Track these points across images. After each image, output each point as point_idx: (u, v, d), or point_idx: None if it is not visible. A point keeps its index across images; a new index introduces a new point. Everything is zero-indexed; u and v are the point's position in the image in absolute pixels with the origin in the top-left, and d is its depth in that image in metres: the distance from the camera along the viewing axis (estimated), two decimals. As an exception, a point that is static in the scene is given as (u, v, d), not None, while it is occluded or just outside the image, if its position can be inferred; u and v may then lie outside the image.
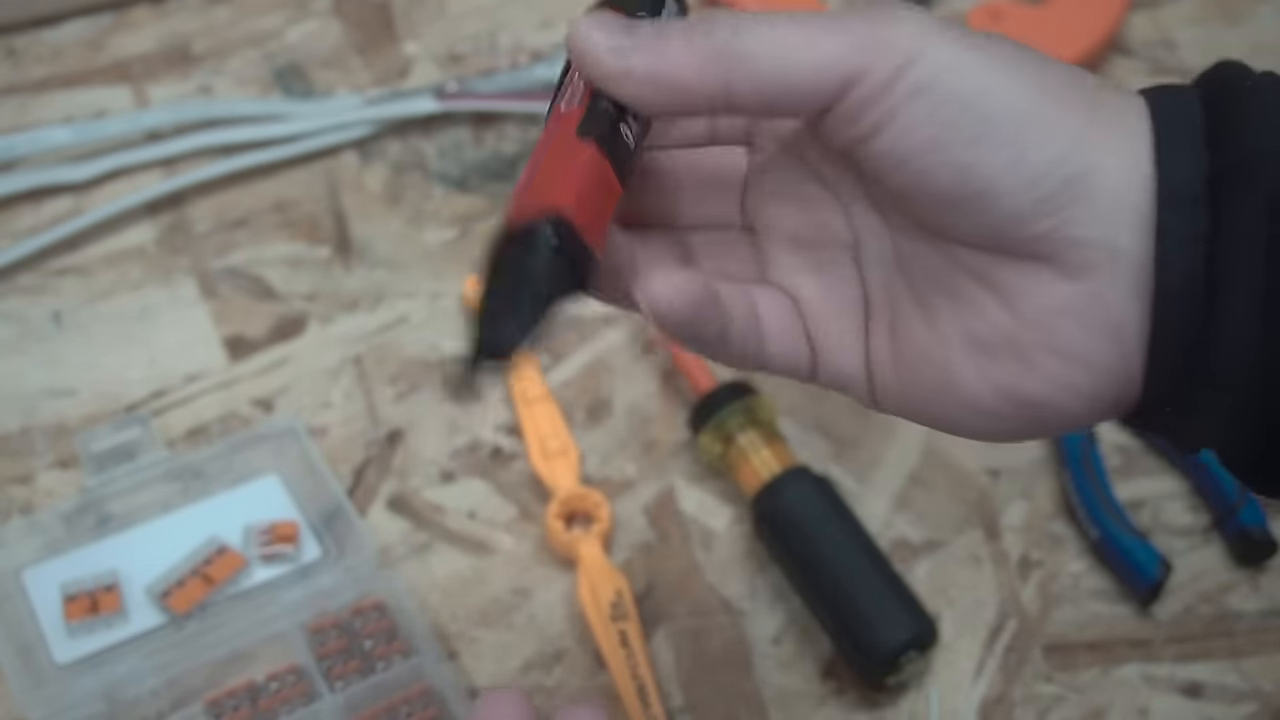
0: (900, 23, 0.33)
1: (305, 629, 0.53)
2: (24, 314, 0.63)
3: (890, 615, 0.52)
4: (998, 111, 0.32)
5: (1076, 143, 0.32)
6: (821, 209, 0.38)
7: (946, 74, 0.32)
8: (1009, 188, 0.32)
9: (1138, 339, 0.33)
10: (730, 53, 0.33)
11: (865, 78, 0.32)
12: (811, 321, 0.38)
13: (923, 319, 0.36)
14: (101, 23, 0.74)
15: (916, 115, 0.32)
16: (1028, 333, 0.33)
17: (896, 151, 0.33)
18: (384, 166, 0.69)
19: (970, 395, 0.35)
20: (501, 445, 0.60)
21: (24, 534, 0.55)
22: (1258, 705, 0.54)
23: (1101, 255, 0.32)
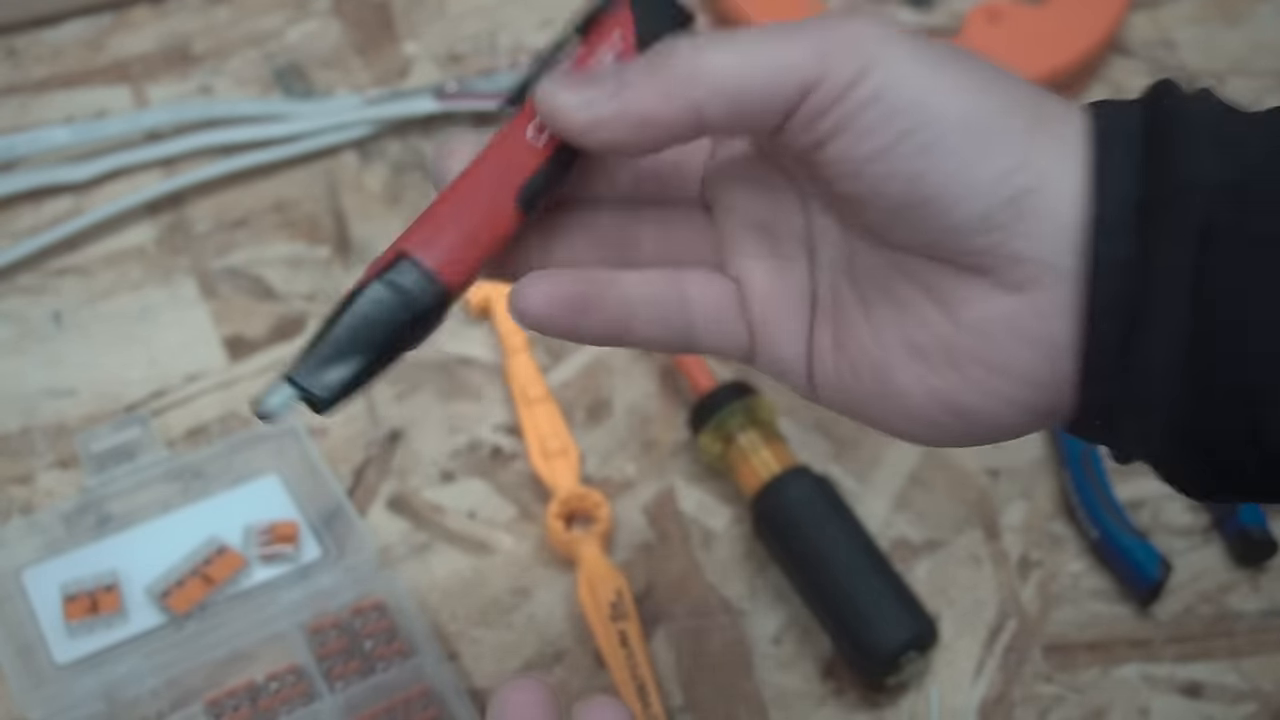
0: (858, 30, 0.33)
1: (305, 629, 0.53)
2: (24, 314, 0.63)
3: (890, 615, 0.52)
4: (948, 122, 0.32)
5: (1023, 158, 0.33)
6: (782, 200, 0.38)
7: (901, 82, 0.33)
8: (956, 199, 0.33)
9: (1070, 354, 0.33)
10: (692, 73, 0.33)
11: (821, 84, 0.33)
12: (755, 308, 0.38)
13: (866, 322, 0.36)
14: (101, 23, 0.74)
15: (869, 122, 0.33)
16: (964, 342, 0.34)
17: (849, 158, 0.33)
18: (384, 166, 0.69)
19: (907, 400, 0.36)
20: (501, 445, 0.60)
21: (24, 534, 0.55)
22: (1258, 705, 0.54)
23: (1040, 272, 0.33)
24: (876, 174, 0.33)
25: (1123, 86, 0.74)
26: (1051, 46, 0.71)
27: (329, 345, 0.34)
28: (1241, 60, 0.76)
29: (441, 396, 0.61)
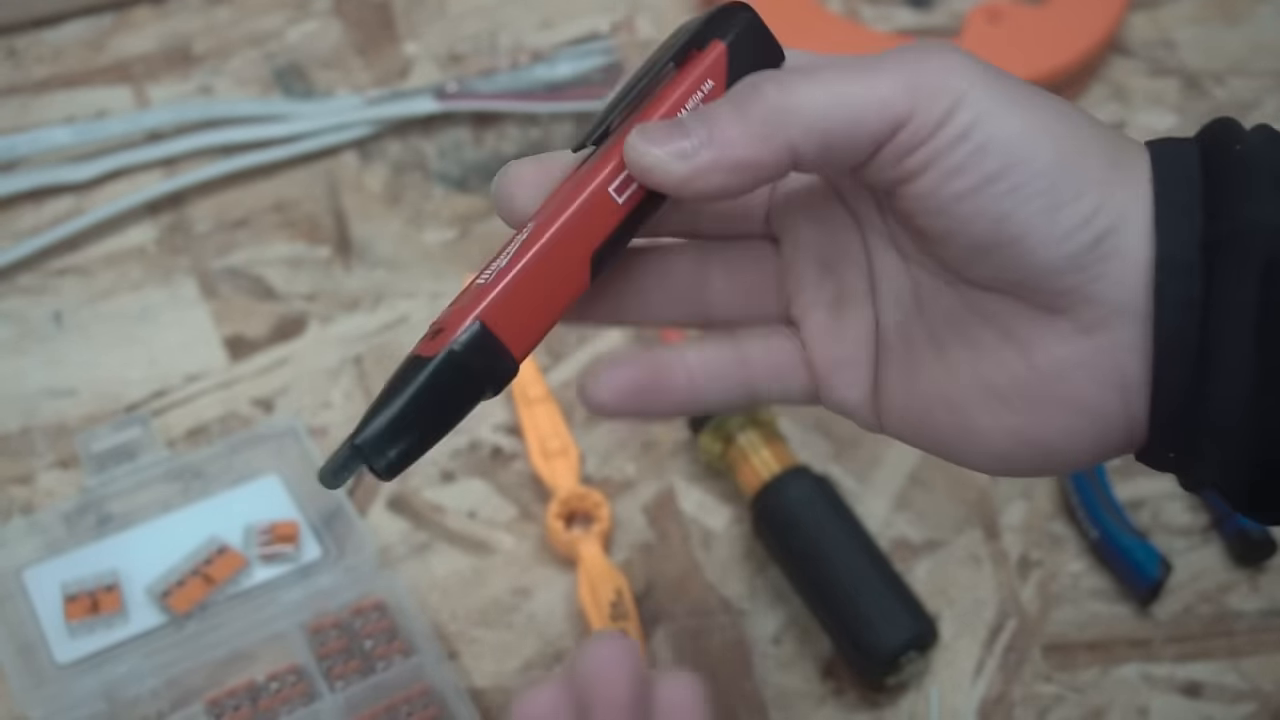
0: (946, 64, 0.33)
1: (305, 629, 0.53)
2: (24, 314, 0.63)
3: (890, 615, 0.52)
4: (1038, 165, 0.33)
5: (1103, 200, 0.33)
6: (844, 236, 0.38)
7: (990, 121, 0.32)
8: (1042, 240, 0.33)
9: (1142, 391, 0.34)
10: (784, 113, 0.33)
11: (911, 120, 0.33)
12: (818, 354, 0.38)
13: (938, 362, 0.36)
14: (102, 23, 0.74)
15: (959, 161, 0.33)
16: (1041, 383, 0.35)
17: (935, 195, 0.33)
18: (384, 167, 0.69)
19: (985, 438, 0.36)
20: (501, 445, 0.60)
21: (24, 534, 0.55)
22: (1257, 705, 0.54)
23: (1113, 313, 0.34)
24: (963, 212, 0.33)
25: (1123, 86, 0.74)
26: (1051, 46, 0.71)
27: (396, 417, 0.33)
28: (1241, 60, 0.76)
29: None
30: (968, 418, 0.36)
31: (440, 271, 0.65)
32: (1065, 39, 0.71)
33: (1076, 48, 0.71)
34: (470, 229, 0.67)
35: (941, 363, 0.36)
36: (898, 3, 0.77)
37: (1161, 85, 0.74)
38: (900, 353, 0.37)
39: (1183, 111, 0.73)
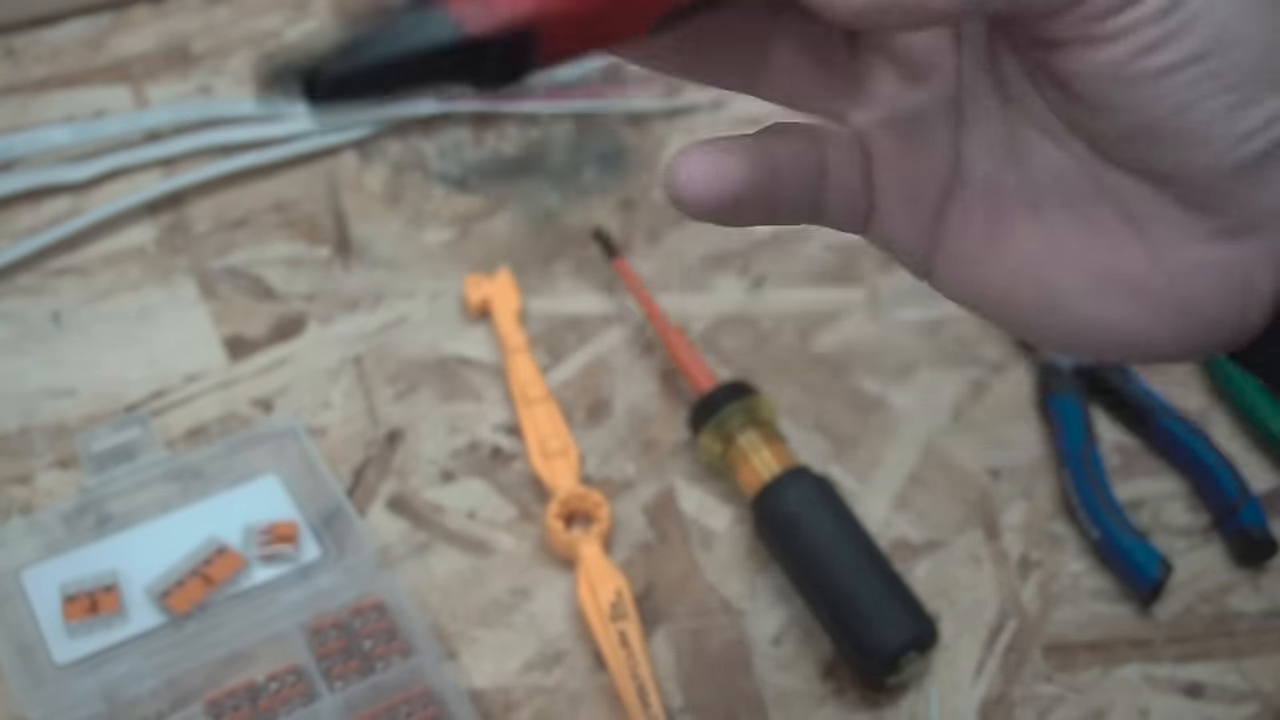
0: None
1: (305, 629, 0.53)
2: (23, 314, 0.63)
3: (890, 615, 0.52)
4: (1244, 49, 0.29)
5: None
6: (940, 50, 0.34)
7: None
8: (1221, 136, 0.30)
9: (1266, 302, 0.32)
10: None
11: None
12: (878, 173, 0.34)
13: (1034, 231, 0.33)
14: (101, 22, 0.74)
15: (1161, 35, 0.29)
16: (1162, 283, 0.32)
17: (1122, 67, 0.29)
18: (384, 166, 0.69)
19: (1071, 322, 0.33)
20: (501, 445, 0.60)
21: (24, 534, 0.55)
22: (1258, 705, 0.54)
23: (1264, 221, 0.31)
24: (1143, 92, 0.29)
25: None
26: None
27: (375, 69, 0.28)
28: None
29: (441, 396, 0.61)
30: (1057, 298, 0.32)
31: (440, 271, 0.65)
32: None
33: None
34: (470, 229, 0.67)
35: (1037, 230, 0.32)
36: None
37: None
38: (981, 203, 0.33)
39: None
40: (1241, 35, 0.29)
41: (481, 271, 0.65)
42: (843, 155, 0.34)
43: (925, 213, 0.34)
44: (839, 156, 0.34)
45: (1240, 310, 0.32)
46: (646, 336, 0.63)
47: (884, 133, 0.34)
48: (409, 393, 0.61)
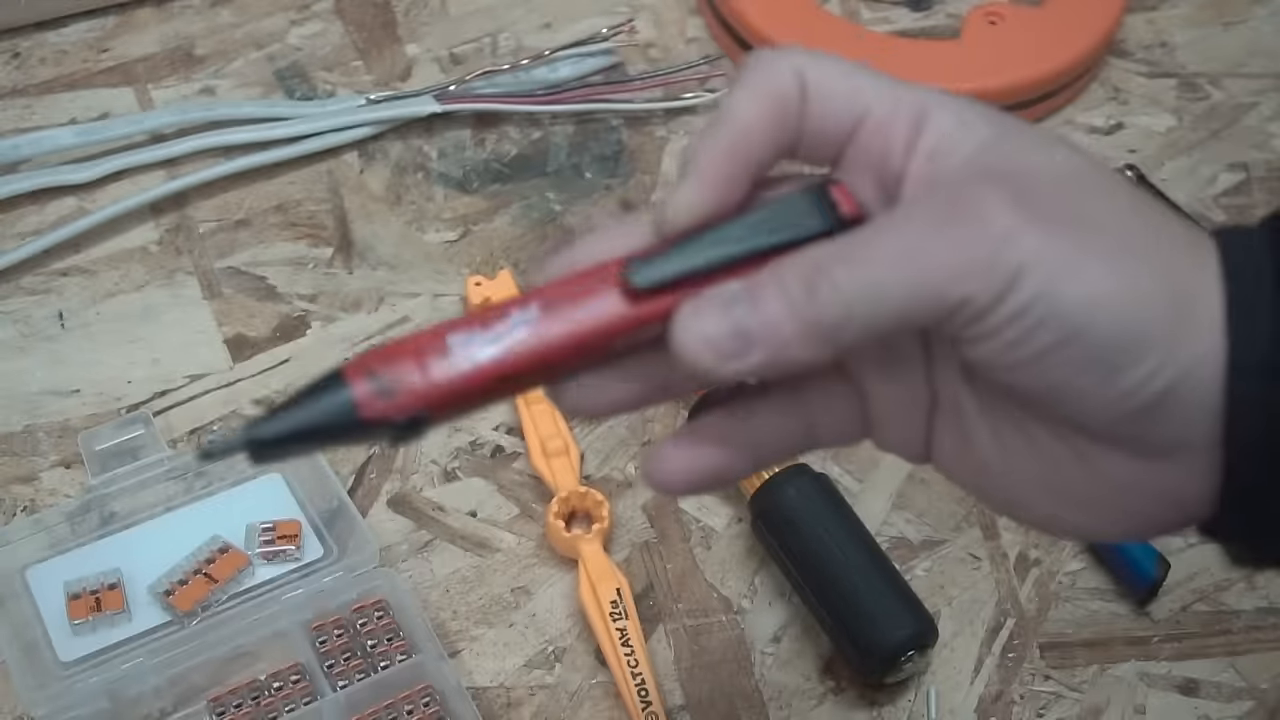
0: (1007, 229, 0.31)
1: (307, 627, 0.53)
2: (28, 314, 0.63)
3: (889, 614, 0.53)
4: (1097, 335, 0.31)
5: (1168, 352, 0.32)
6: None
7: (1049, 294, 0.31)
8: (1099, 403, 0.32)
9: (1206, 502, 0.34)
10: (840, 316, 0.32)
11: (968, 304, 0.31)
12: (871, 407, 0.38)
13: (993, 443, 0.36)
14: (105, 24, 0.74)
15: (1016, 336, 0.32)
16: (1102, 495, 0.34)
17: (996, 360, 0.32)
18: (385, 167, 0.69)
19: (1032, 517, 0.37)
20: (502, 444, 0.60)
21: (28, 533, 0.55)
22: (1254, 703, 0.54)
23: (1176, 449, 0.33)
24: (1018, 377, 0.33)
25: (1120, 88, 0.74)
26: (1050, 48, 0.71)
27: (293, 435, 0.32)
28: (1238, 62, 0.76)
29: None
30: (1016, 499, 0.36)
31: (442, 272, 0.66)
32: (1064, 40, 0.71)
33: (1074, 49, 0.71)
34: (471, 229, 0.67)
35: (996, 446, 0.36)
36: (897, 4, 0.77)
37: (1159, 86, 0.75)
38: (953, 420, 0.37)
39: (1180, 113, 0.73)
40: (1091, 319, 0.31)
41: (483, 272, 0.65)
42: (829, 402, 0.37)
43: (913, 432, 0.37)
44: (825, 405, 0.37)
45: (1178, 515, 0.34)
46: (647, 337, 0.63)
47: (868, 372, 0.37)
48: (411, 392, 0.61)
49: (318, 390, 0.32)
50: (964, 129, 0.34)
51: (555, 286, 0.33)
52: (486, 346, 0.32)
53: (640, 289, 0.33)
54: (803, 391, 0.37)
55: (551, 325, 0.32)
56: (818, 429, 0.38)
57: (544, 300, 0.33)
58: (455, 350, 0.32)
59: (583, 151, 0.70)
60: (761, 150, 0.34)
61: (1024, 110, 0.72)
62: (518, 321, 0.32)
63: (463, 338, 0.32)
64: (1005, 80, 0.70)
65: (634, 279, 0.33)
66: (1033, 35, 0.72)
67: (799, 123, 0.34)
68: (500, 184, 0.69)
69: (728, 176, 0.34)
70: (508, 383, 0.32)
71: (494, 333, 0.32)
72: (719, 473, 0.37)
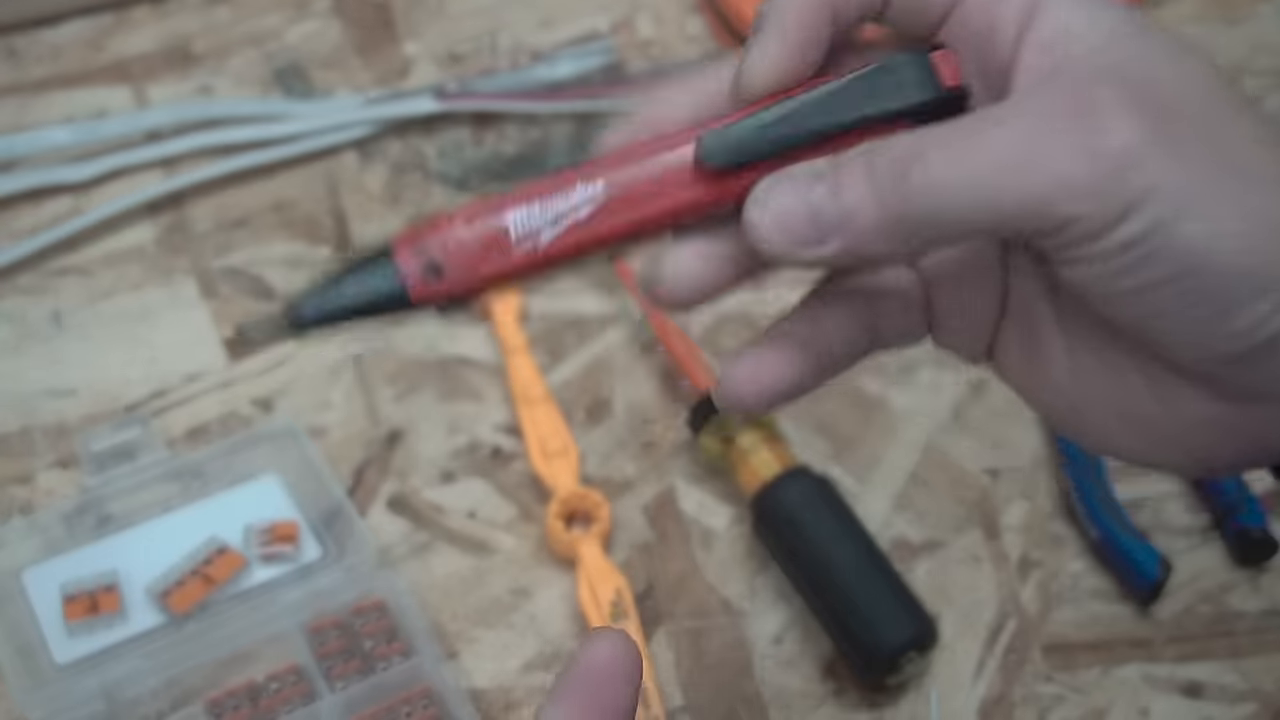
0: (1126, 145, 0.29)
1: (305, 629, 0.53)
2: (24, 314, 0.63)
3: (890, 615, 0.52)
4: (1217, 271, 0.29)
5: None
6: None
7: (1168, 224, 0.29)
8: (1201, 343, 0.30)
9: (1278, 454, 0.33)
10: (928, 207, 0.29)
11: (1079, 222, 0.29)
12: (937, 305, 0.36)
13: (1067, 361, 0.34)
14: (102, 22, 0.74)
15: (1129, 263, 0.29)
16: (1176, 430, 0.33)
17: (1095, 285, 0.30)
18: (384, 166, 0.69)
19: (1099, 442, 0.35)
20: (501, 445, 0.60)
21: (24, 534, 0.55)
22: (1258, 705, 0.54)
23: (1266, 394, 0.31)
24: (1127, 304, 0.30)
25: None
26: (1052, 46, 0.71)
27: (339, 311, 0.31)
28: (1242, 60, 0.76)
29: (441, 396, 0.61)
30: (1085, 421, 0.34)
31: (440, 271, 0.65)
32: (1065, 39, 0.71)
33: (1077, 47, 0.71)
34: (470, 229, 0.67)
35: (1070, 365, 0.34)
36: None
37: (1162, 85, 0.74)
38: (1024, 328, 0.34)
39: (1183, 111, 0.73)
40: (1210, 253, 0.29)
41: (482, 271, 0.65)
42: (897, 301, 0.35)
43: (978, 333, 0.35)
44: (892, 304, 0.35)
45: (1252, 458, 0.33)
46: (646, 336, 0.63)
47: (942, 273, 0.35)
48: (409, 393, 0.61)
49: (367, 265, 0.31)
50: (1087, 20, 0.30)
51: (621, 158, 0.31)
52: (547, 228, 0.31)
53: (715, 167, 0.30)
54: (868, 288, 0.35)
55: (618, 205, 0.31)
56: (881, 328, 0.35)
57: (609, 175, 0.31)
58: (513, 226, 0.31)
59: (582, 151, 0.70)
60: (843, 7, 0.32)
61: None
62: (581, 199, 0.31)
63: (522, 214, 0.31)
64: (1007, 78, 0.70)
65: (707, 157, 0.30)
66: (1034, 33, 0.72)
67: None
68: (500, 183, 0.69)
69: (810, 30, 0.31)
70: (568, 257, 0.31)
71: (555, 211, 0.31)
72: (790, 383, 0.34)
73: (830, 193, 0.30)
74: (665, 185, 0.31)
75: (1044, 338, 0.34)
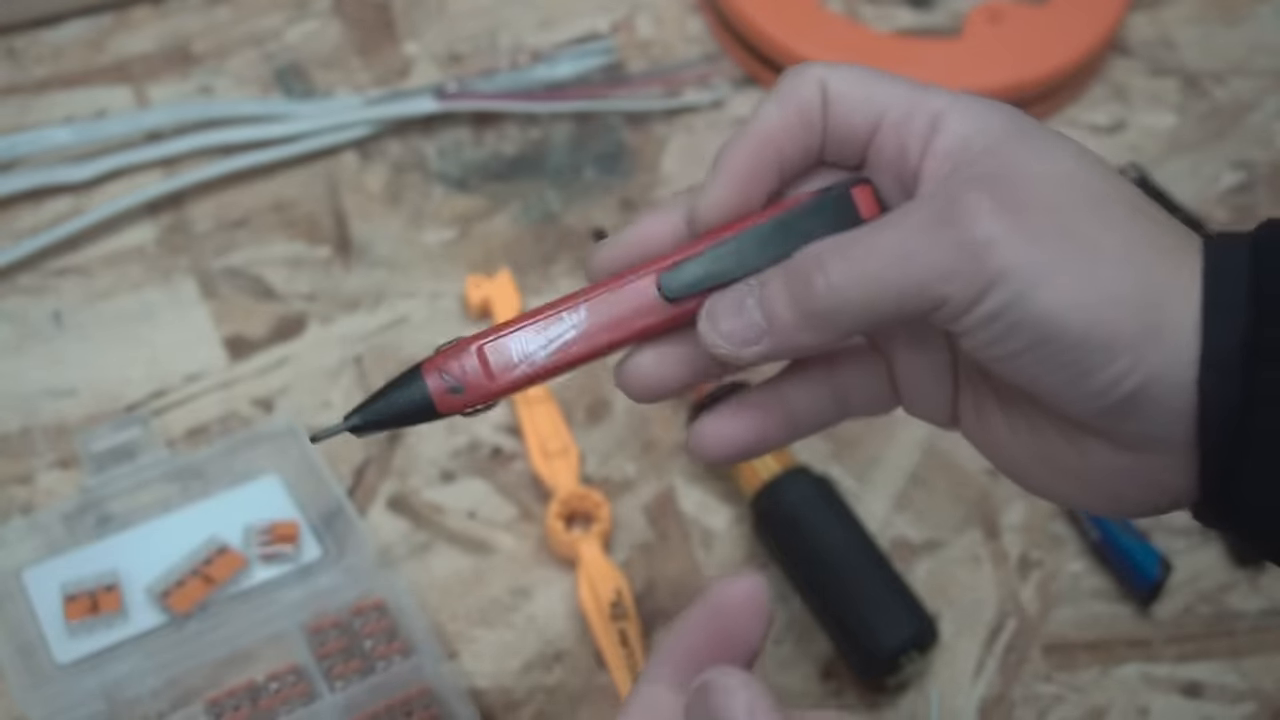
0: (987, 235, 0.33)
1: (305, 629, 0.53)
2: (24, 314, 0.63)
3: (890, 615, 0.53)
4: (1066, 337, 0.33)
5: (1139, 356, 0.34)
6: None
7: (1020, 302, 0.33)
8: (1071, 399, 0.34)
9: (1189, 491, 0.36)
10: (833, 304, 0.35)
11: (947, 303, 0.34)
12: (901, 376, 0.40)
13: (1003, 419, 0.38)
14: (102, 23, 0.74)
15: (991, 335, 0.34)
16: (1094, 476, 0.37)
17: (979, 354, 0.35)
18: (384, 166, 0.69)
19: (1037, 488, 0.39)
20: (501, 445, 0.60)
21: (24, 534, 0.55)
22: (1257, 705, 0.54)
23: (1151, 443, 0.35)
24: (999, 369, 0.35)
25: (1123, 86, 0.74)
26: (1051, 46, 0.71)
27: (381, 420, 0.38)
28: (1241, 60, 0.76)
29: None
30: (1024, 471, 0.38)
31: (440, 271, 0.65)
32: (1065, 39, 0.71)
33: (1076, 48, 0.71)
34: (470, 229, 0.67)
35: (1004, 419, 0.38)
36: (898, 2, 0.77)
37: (1162, 85, 0.74)
38: (971, 394, 0.39)
39: (1183, 111, 0.73)
40: (1063, 325, 0.33)
41: (481, 271, 0.65)
42: (861, 375, 0.40)
43: (939, 402, 0.40)
44: (857, 377, 0.40)
45: (1167, 500, 0.37)
46: (646, 336, 0.63)
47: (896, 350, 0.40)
48: (409, 393, 0.61)
49: (401, 386, 0.38)
50: (977, 130, 0.36)
51: (599, 290, 0.38)
52: (541, 349, 0.38)
53: (674, 297, 0.38)
54: (833, 364, 0.40)
55: (597, 328, 0.38)
56: (850, 399, 0.41)
57: (590, 304, 0.38)
58: (514, 352, 0.38)
59: (582, 151, 0.70)
60: (787, 152, 0.38)
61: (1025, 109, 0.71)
62: (568, 325, 0.38)
63: (520, 340, 0.38)
64: (1007, 79, 0.70)
65: (668, 292, 0.38)
66: (1034, 33, 0.72)
67: (822, 127, 0.38)
68: (499, 183, 0.69)
69: (753, 175, 0.38)
70: (559, 372, 0.38)
71: (547, 335, 0.38)
72: (758, 442, 0.40)
73: (756, 304, 0.36)
74: (635, 312, 0.38)
75: (987, 403, 0.39)
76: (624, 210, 0.68)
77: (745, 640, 0.36)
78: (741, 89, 0.73)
